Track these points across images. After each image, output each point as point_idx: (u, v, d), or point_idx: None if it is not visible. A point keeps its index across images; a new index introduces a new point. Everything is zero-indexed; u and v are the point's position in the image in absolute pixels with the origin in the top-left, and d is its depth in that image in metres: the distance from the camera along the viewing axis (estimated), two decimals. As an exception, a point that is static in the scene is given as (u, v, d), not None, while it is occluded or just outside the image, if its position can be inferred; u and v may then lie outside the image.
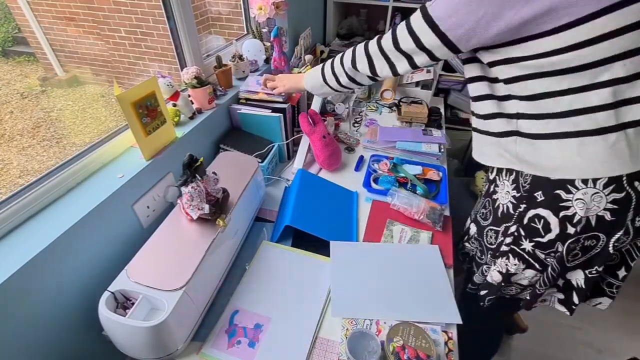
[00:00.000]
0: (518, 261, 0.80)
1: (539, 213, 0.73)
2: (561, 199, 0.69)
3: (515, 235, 0.78)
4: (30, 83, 2.53)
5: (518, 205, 0.77)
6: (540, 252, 0.76)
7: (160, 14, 2.34)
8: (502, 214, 0.82)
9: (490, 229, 0.88)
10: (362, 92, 1.70)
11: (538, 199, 0.72)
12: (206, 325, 0.76)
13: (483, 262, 0.92)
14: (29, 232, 0.66)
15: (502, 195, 0.82)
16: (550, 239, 0.73)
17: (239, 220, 0.89)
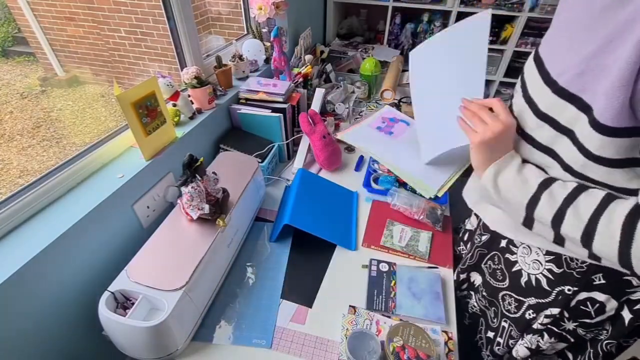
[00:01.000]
0: (554, 339, 0.67)
1: (593, 297, 0.58)
2: (630, 285, 0.55)
3: (556, 317, 0.64)
4: (30, 83, 2.53)
5: (559, 284, 0.61)
6: (582, 330, 0.64)
7: (160, 14, 2.34)
8: (529, 285, 0.67)
9: (509, 295, 0.72)
10: (362, 92, 1.70)
11: (595, 281, 0.57)
12: (206, 325, 0.76)
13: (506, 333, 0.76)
14: (29, 232, 0.66)
15: (527, 263, 0.66)
16: (601, 320, 0.61)
17: (239, 220, 0.89)
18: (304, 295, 0.84)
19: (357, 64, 1.92)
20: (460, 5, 2.00)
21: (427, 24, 2.20)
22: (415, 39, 2.26)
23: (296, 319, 0.79)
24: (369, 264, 0.89)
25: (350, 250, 0.94)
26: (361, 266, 0.90)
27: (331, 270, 0.89)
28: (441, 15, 2.19)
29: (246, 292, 0.84)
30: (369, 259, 0.90)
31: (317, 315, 0.80)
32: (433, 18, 2.20)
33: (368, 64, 1.69)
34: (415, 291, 0.83)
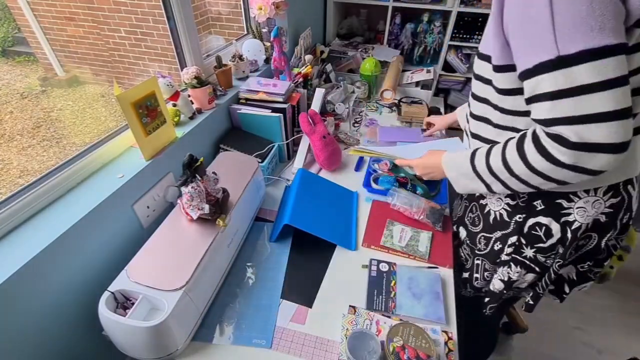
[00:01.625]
0: (520, 268, 0.80)
1: (539, 221, 0.72)
2: (562, 207, 0.69)
3: (516, 245, 0.78)
4: (30, 83, 2.53)
5: (514, 214, 0.76)
6: (542, 256, 0.77)
7: (160, 14, 2.34)
8: (495, 221, 0.81)
9: (482, 235, 0.87)
10: (362, 92, 1.70)
11: (538, 207, 0.72)
12: (206, 325, 0.76)
13: (480, 268, 0.91)
14: (29, 232, 0.66)
15: (493, 202, 0.81)
16: (552, 243, 0.74)
17: (239, 220, 0.89)
18: (304, 295, 0.84)
19: (357, 64, 1.92)
20: (460, 5, 2.00)
21: (427, 24, 2.20)
22: (415, 39, 2.26)
23: (296, 319, 0.79)
24: (369, 264, 0.89)
25: (350, 250, 0.94)
26: (361, 266, 0.90)
27: (331, 270, 0.89)
28: (441, 15, 2.18)
29: (246, 292, 0.84)
30: (369, 259, 0.90)
31: (317, 315, 0.80)
32: (433, 18, 2.20)
33: (368, 64, 1.69)
34: (415, 291, 0.83)
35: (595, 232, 0.72)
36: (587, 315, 1.62)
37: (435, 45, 2.22)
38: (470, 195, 0.90)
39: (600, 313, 1.64)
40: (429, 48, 2.24)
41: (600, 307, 1.66)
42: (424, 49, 2.26)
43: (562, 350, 1.51)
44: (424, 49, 2.26)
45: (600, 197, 0.66)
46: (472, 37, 2.14)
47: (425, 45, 2.24)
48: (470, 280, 0.95)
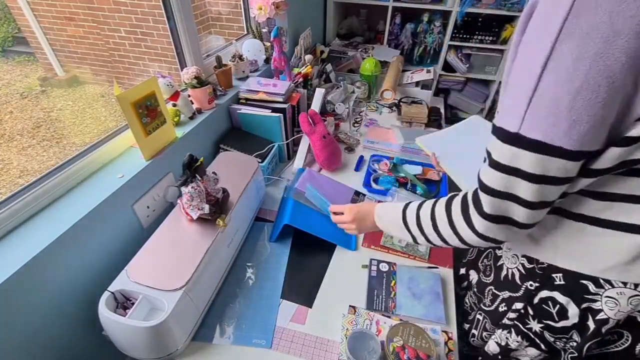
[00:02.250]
0: (521, 339, 0.68)
1: (554, 297, 0.60)
2: (587, 291, 0.56)
3: (521, 313, 0.66)
4: (30, 83, 2.53)
5: (527, 280, 0.64)
6: (550, 335, 0.64)
7: (160, 14, 2.34)
8: (506, 279, 0.70)
9: (491, 289, 0.75)
10: (362, 92, 1.70)
11: (556, 281, 0.59)
12: (206, 325, 0.76)
13: (480, 325, 0.79)
14: (29, 232, 0.66)
15: (508, 257, 0.69)
16: (565, 326, 0.60)
17: (239, 220, 0.89)
18: (304, 295, 0.84)
19: (357, 64, 1.92)
20: (461, 5, 2.00)
21: (427, 24, 2.20)
22: (415, 39, 2.26)
23: (296, 319, 0.79)
24: (369, 264, 0.89)
25: (350, 250, 0.94)
26: (361, 266, 0.90)
27: (331, 270, 0.89)
28: (441, 15, 2.18)
29: (246, 292, 0.84)
30: (369, 259, 0.91)
31: (317, 315, 0.80)
32: (433, 18, 2.20)
33: (368, 64, 1.69)
34: (415, 291, 0.83)
35: (628, 331, 0.58)
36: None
37: (435, 45, 2.22)
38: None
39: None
40: (429, 48, 2.24)
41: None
42: (424, 49, 2.26)
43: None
44: (424, 49, 2.26)
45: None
46: (472, 37, 2.14)
47: (425, 45, 2.24)
48: (467, 335, 0.84)
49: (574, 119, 0.40)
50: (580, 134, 0.40)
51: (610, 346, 0.61)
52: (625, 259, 0.51)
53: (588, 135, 0.41)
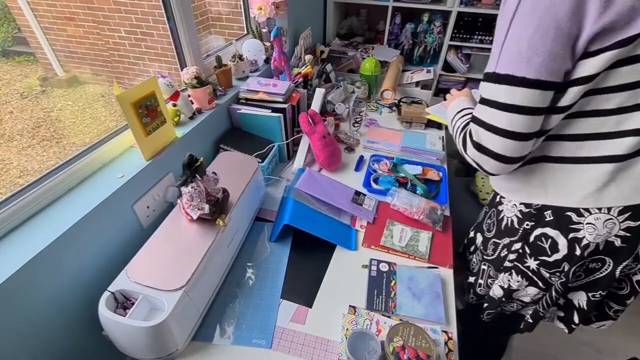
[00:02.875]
0: (521, 278, 0.77)
1: (546, 232, 0.70)
2: (571, 221, 0.66)
3: (519, 253, 0.76)
4: (30, 83, 2.53)
5: (524, 221, 0.74)
6: (545, 270, 0.73)
7: (160, 14, 2.34)
8: (506, 227, 0.79)
9: (493, 241, 0.85)
10: (362, 92, 1.70)
11: (547, 218, 0.69)
12: (206, 325, 0.76)
13: (485, 274, 0.89)
14: (29, 232, 0.66)
15: (508, 208, 0.78)
16: (557, 259, 0.70)
17: (239, 220, 0.89)
18: (304, 295, 0.84)
19: (357, 64, 1.92)
20: (460, 5, 2.00)
21: (427, 24, 2.19)
22: (415, 39, 2.26)
23: (296, 319, 0.79)
24: (369, 264, 0.89)
25: (350, 250, 0.94)
26: (361, 266, 0.90)
27: (331, 270, 0.89)
28: (441, 15, 2.18)
29: (246, 292, 0.84)
30: (369, 259, 0.90)
31: (317, 315, 0.80)
32: (433, 18, 2.19)
33: (368, 64, 1.69)
34: (415, 291, 0.83)
35: (609, 257, 0.67)
36: (587, 315, 1.62)
37: (435, 45, 2.22)
38: (491, 201, 0.88)
39: (600, 313, 1.64)
40: (429, 48, 2.24)
41: (600, 307, 1.66)
42: (424, 49, 2.25)
43: (562, 350, 1.51)
44: (424, 49, 2.25)
45: (613, 217, 0.62)
46: (472, 37, 2.14)
47: (425, 45, 2.24)
48: (474, 286, 0.94)
49: (531, 54, 0.53)
50: (537, 65, 0.53)
51: (595, 273, 0.71)
52: (597, 186, 0.62)
53: (543, 66, 0.53)
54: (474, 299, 0.96)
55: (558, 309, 0.82)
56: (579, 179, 0.63)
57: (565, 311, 0.81)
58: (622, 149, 0.59)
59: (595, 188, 0.62)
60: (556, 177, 0.66)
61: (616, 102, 0.57)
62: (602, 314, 0.81)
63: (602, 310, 0.80)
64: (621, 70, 0.54)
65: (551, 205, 0.68)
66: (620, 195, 0.61)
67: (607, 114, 0.58)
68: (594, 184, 0.62)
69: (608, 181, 0.61)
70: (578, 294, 0.76)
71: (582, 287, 0.74)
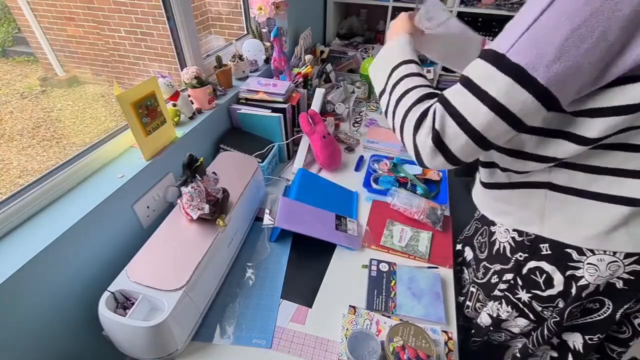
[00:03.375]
0: (511, 309, 0.72)
1: (541, 267, 0.64)
2: (571, 259, 0.59)
3: (511, 284, 0.70)
4: (30, 83, 2.53)
5: (517, 252, 0.67)
6: (538, 304, 0.68)
7: (160, 14, 2.34)
8: (498, 252, 0.73)
9: (484, 264, 0.78)
10: (362, 92, 1.70)
11: (543, 251, 0.63)
12: (206, 325, 0.76)
13: (474, 297, 0.83)
14: (29, 232, 0.66)
15: (501, 232, 0.72)
16: (551, 295, 0.64)
17: (239, 220, 0.89)
18: (304, 295, 0.84)
19: (357, 64, 1.91)
20: (460, 5, 2.00)
21: (427, 24, 2.20)
22: (415, 39, 2.26)
23: (296, 319, 0.79)
24: (369, 264, 0.89)
25: (350, 250, 0.94)
26: (361, 266, 0.90)
27: (331, 270, 0.89)
28: (441, 15, 2.19)
29: (246, 292, 0.84)
30: (369, 259, 0.90)
31: (317, 315, 0.80)
32: (433, 18, 2.20)
33: (368, 64, 1.69)
34: (415, 291, 0.83)
35: (609, 299, 0.61)
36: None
37: (435, 45, 2.22)
38: (483, 218, 0.80)
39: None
40: (429, 48, 2.24)
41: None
42: (424, 49, 2.25)
43: (562, 350, 1.50)
44: (424, 49, 2.25)
45: (619, 259, 0.56)
46: (472, 37, 2.14)
47: (425, 45, 2.24)
48: (462, 307, 0.88)
49: (558, 55, 0.42)
50: (557, 72, 0.42)
51: (594, 315, 0.64)
52: (606, 229, 0.54)
53: (562, 76, 0.43)
54: (461, 320, 0.88)
55: (551, 348, 0.74)
56: (586, 216, 0.56)
57: (559, 352, 0.73)
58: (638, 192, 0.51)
59: (603, 230, 0.55)
60: (558, 208, 0.59)
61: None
62: (605, 357, 0.73)
63: (604, 353, 0.73)
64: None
65: (547, 237, 0.61)
66: (629, 241, 0.54)
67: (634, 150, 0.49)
68: (602, 225, 0.55)
69: (619, 225, 0.54)
70: (573, 335, 0.68)
71: (577, 327, 0.67)
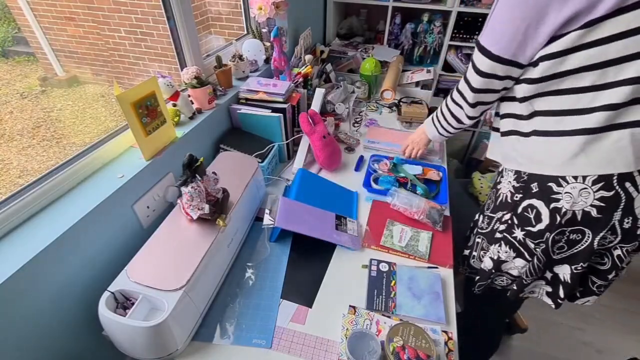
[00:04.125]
0: (509, 249, 0.84)
1: (532, 203, 0.77)
2: (552, 191, 0.72)
3: (508, 223, 0.83)
4: (30, 83, 2.53)
5: (514, 194, 0.81)
6: (530, 241, 0.79)
7: (160, 14, 2.34)
8: (501, 202, 0.86)
9: (487, 215, 0.92)
10: (362, 92, 1.70)
11: (533, 190, 0.76)
12: (206, 325, 0.76)
13: (479, 246, 0.95)
14: (29, 232, 0.66)
15: (504, 185, 0.85)
16: (540, 229, 0.76)
17: (239, 220, 0.89)
18: (304, 295, 0.84)
19: (357, 64, 1.91)
20: (460, 5, 2.00)
21: (427, 24, 2.19)
22: (415, 39, 2.25)
23: (296, 319, 0.79)
24: (369, 264, 0.89)
25: (350, 250, 0.94)
26: (361, 266, 0.90)
27: (331, 270, 0.89)
28: (441, 15, 2.18)
29: (246, 292, 0.84)
30: (369, 259, 0.91)
31: (317, 315, 0.80)
32: (433, 18, 2.19)
33: (368, 64, 1.69)
34: (415, 291, 0.83)
35: (588, 228, 0.72)
36: (587, 315, 1.62)
37: (435, 45, 2.22)
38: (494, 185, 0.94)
39: (600, 313, 1.64)
40: (429, 48, 2.24)
41: (600, 307, 1.66)
42: (424, 49, 2.25)
43: (562, 350, 1.51)
44: (424, 49, 2.25)
45: (588, 186, 0.68)
46: (472, 37, 2.14)
47: (425, 45, 2.24)
48: (468, 258, 1.00)
49: (500, 35, 0.70)
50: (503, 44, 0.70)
51: (577, 245, 0.75)
52: (569, 156, 0.69)
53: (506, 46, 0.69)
54: (467, 270, 1.02)
55: (546, 283, 0.86)
56: (556, 149, 0.71)
57: (552, 286, 0.86)
58: (592, 123, 0.65)
59: (568, 157, 0.69)
60: (540, 148, 0.74)
61: (589, 80, 0.64)
62: (586, 290, 0.85)
63: (586, 286, 0.84)
64: (590, 51, 0.62)
65: (535, 173, 0.75)
66: (589, 164, 0.67)
67: (581, 92, 0.66)
68: (567, 154, 0.69)
69: (578, 152, 0.68)
70: (562, 268, 0.81)
71: (565, 260, 0.79)
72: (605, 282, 0.81)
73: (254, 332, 0.76)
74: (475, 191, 1.45)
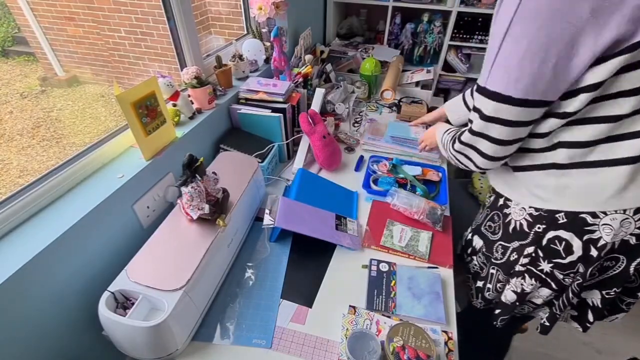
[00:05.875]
0: (535, 281, 0.77)
1: (559, 235, 0.70)
2: (586, 223, 0.66)
3: (532, 257, 0.75)
4: (30, 83, 2.53)
5: (535, 225, 0.74)
6: (559, 272, 0.74)
7: (160, 14, 2.34)
8: (514, 230, 0.79)
9: (500, 244, 0.84)
10: (362, 92, 1.70)
11: (560, 220, 0.69)
12: (206, 325, 0.76)
13: (494, 278, 0.87)
14: (29, 232, 0.66)
15: (516, 211, 0.78)
16: (572, 261, 0.70)
17: (239, 220, 0.89)
18: (304, 295, 0.84)
19: (357, 64, 1.91)
20: (460, 5, 2.00)
21: (427, 24, 2.19)
22: (415, 38, 2.26)
23: (296, 319, 0.79)
24: (369, 264, 0.89)
25: (350, 250, 0.94)
26: (361, 266, 0.90)
27: (331, 270, 0.89)
28: (441, 15, 2.18)
29: (246, 292, 0.84)
30: (369, 259, 0.91)
31: (317, 315, 0.80)
32: (433, 18, 2.19)
33: (368, 64, 1.69)
34: (415, 291, 0.83)
35: (623, 255, 0.68)
36: (587, 315, 1.62)
37: (435, 45, 2.22)
38: (493, 204, 0.88)
39: (600, 313, 1.64)
40: (429, 48, 2.24)
41: (600, 307, 1.66)
42: (424, 49, 2.25)
43: (562, 350, 1.51)
44: (424, 49, 2.25)
45: (629, 216, 0.63)
46: (472, 37, 2.14)
47: (425, 45, 2.24)
48: (482, 290, 0.92)
49: (519, 74, 0.57)
50: (524, 86, 0.58)
51: (609, 271, 0.71)
52: (616, 189, 0.62)
53: (530, 87, 0.58)
54: (482, 303, 0.94)
55: (572, 308, 0.81)
56: (598, 182, 0.63)
57: (579, 310, 0.81)
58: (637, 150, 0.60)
59: (615, 190, 0.62)
60: (573, 183, 0.66)
61: (630, 105, 0.57)
62: (615, 308, 0.81)
63: (615, 304, 0.81)
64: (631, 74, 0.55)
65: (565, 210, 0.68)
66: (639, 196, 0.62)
67: (618, 119, 0.59)
68: (613, 186, 0.62)
69: (627, 183, 0.61)
70: (592, 293, 0.76)
71: (595, 285, 0.74)
72: (635, 300, 0.78)
73: (254, 332, 0.76)
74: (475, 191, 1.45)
